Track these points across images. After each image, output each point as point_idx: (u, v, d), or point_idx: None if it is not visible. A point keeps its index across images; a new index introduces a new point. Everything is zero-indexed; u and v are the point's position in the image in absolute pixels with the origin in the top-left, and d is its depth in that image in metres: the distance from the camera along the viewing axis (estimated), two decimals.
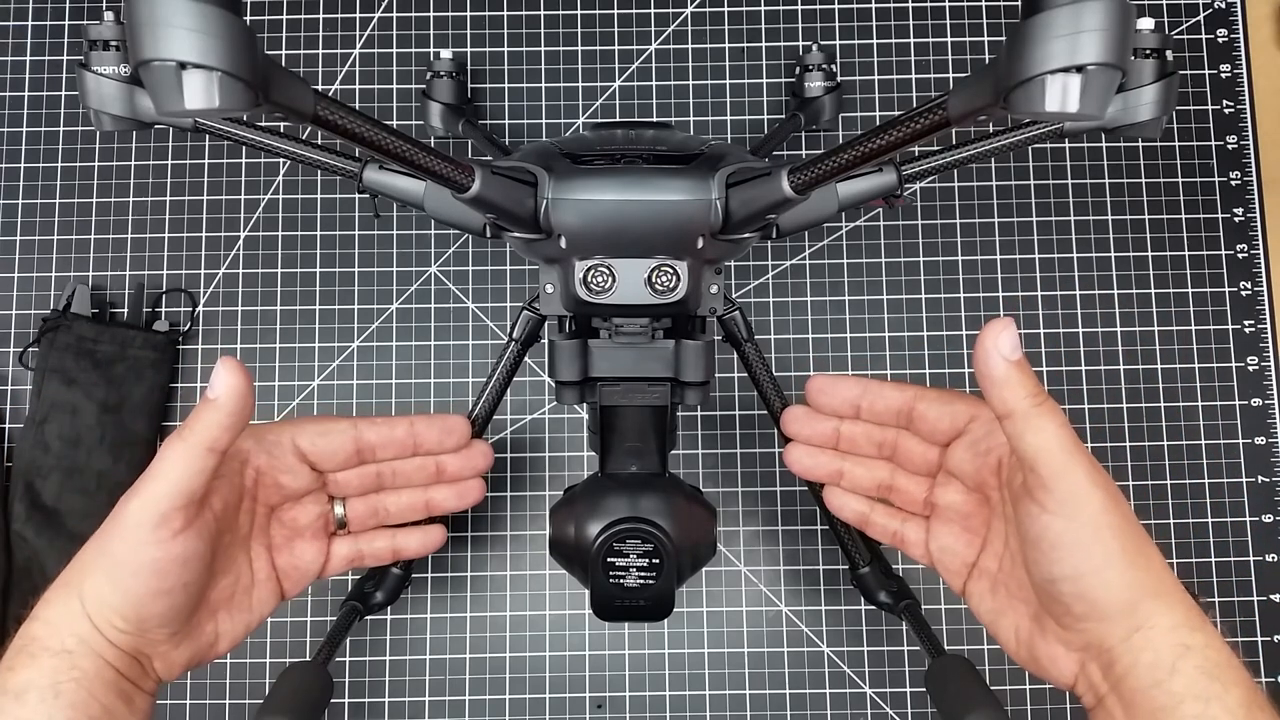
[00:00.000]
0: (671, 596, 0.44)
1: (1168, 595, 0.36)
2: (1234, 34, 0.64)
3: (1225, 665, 0.35)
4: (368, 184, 0.48)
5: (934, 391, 0.43)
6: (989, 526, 0.42)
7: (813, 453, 0.46)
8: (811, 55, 0.61)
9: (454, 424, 0.46)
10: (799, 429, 0.46)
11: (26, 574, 0.58)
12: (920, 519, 0.45)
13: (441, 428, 0.46)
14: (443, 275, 0.63)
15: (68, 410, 0.58)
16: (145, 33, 0.26)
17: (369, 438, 0.45)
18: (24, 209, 0.63)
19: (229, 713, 0.59)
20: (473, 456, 0.47)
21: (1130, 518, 0.37)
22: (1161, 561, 0.37)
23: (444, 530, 0.49)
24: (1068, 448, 0.36)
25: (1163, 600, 0.36)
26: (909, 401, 0.43)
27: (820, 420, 0.45)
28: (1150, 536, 0.38)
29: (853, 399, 0.44)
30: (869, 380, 0.44)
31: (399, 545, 0.48)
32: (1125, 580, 0.36)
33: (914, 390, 0.43)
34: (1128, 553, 0.36)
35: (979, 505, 0.43)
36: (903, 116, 0.31)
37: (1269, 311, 0.62)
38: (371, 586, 0.53)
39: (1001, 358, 0.36)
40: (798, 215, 0.46)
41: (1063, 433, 0.36)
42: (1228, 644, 0.36)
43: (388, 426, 0.45)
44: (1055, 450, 0.36)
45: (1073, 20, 0.26)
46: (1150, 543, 0.37)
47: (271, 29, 0.64)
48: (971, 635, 0.60)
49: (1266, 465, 0.61)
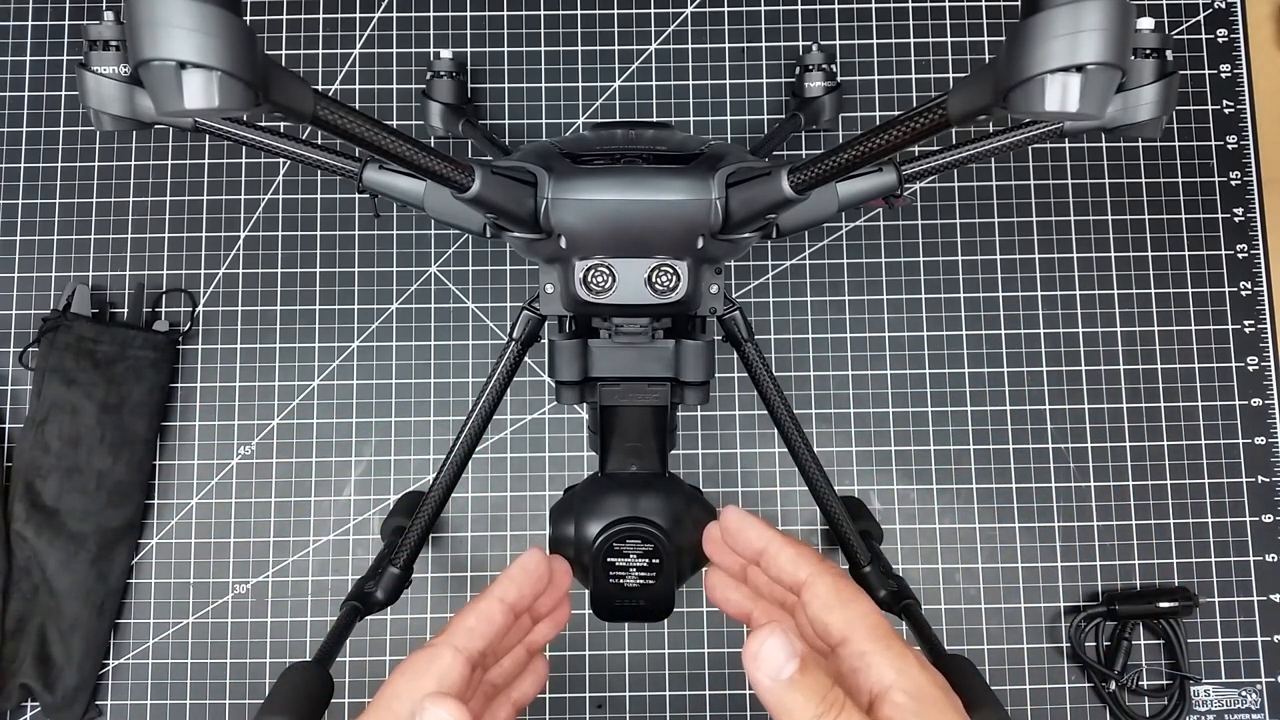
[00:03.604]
0: (671, 596, 0.44)
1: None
2: (1234, 34, 0.64)
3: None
4: (368, 184, 0.48)
5: (825, 588, 0.35)
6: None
7: (727, 586, 0.41)
8: (811, 55, 0.61)
9: (533, 565, 0.39)
10: (713, 551, 0.41)
11: (26, 574, 0.58)
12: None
13: (524, 580, 0.39)
14: (443, 275, 0.63)
15: (68, 410, 0.58)
16: (145, 32, 0.26)
17: (477, 647, 0.37)
18: (24, 209, 0.63)
19: (229, 713, 0.59)
20: (557, 581, 0.41)
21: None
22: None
23: (546, 662, 0.43)
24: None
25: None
26: (800, 583, 0.37)
27: (732, 553, 0.40)
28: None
29: (756, 549, 0.39)
30: (774, 535, 0.38)
31: (517, 703, 0.41)
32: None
33: (809, 570, 0.36)
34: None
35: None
36: (903, 116, 0.31)
37: (1269, 311, 0.62)
38: (372, 586, 0.53)
39: (771, 682, 0.31)
40: (798, 215, 0.46)
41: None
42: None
43: (484, 624, 0.37)
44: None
45: (1072, 20, 0.26)
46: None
47: (271, 29, 0.64)
48: (971, 635, 0.60)
49: (1266, 465, 0.61)
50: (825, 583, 0.36)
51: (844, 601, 0.35)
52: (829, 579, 0.36)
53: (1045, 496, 0.61)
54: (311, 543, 0.61)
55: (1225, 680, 0.59)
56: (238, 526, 0.61)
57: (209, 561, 0.60)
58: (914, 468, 0.61)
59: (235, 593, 0.60)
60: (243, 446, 0.61)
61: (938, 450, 0.61)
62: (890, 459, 0.62)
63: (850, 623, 0.34)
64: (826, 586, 0.35)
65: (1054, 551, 0.61)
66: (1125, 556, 0.61)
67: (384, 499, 0.61)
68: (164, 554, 0.60)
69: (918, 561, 0.61)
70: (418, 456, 0.61)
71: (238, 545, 0.60)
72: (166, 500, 0.61)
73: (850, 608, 0.35)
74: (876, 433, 0.62)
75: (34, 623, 0.57)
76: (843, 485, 0.61)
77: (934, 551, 0.61)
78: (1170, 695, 0.59)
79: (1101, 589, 0.60)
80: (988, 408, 0.62)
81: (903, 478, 0.61)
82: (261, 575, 0.60)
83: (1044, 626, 0.60)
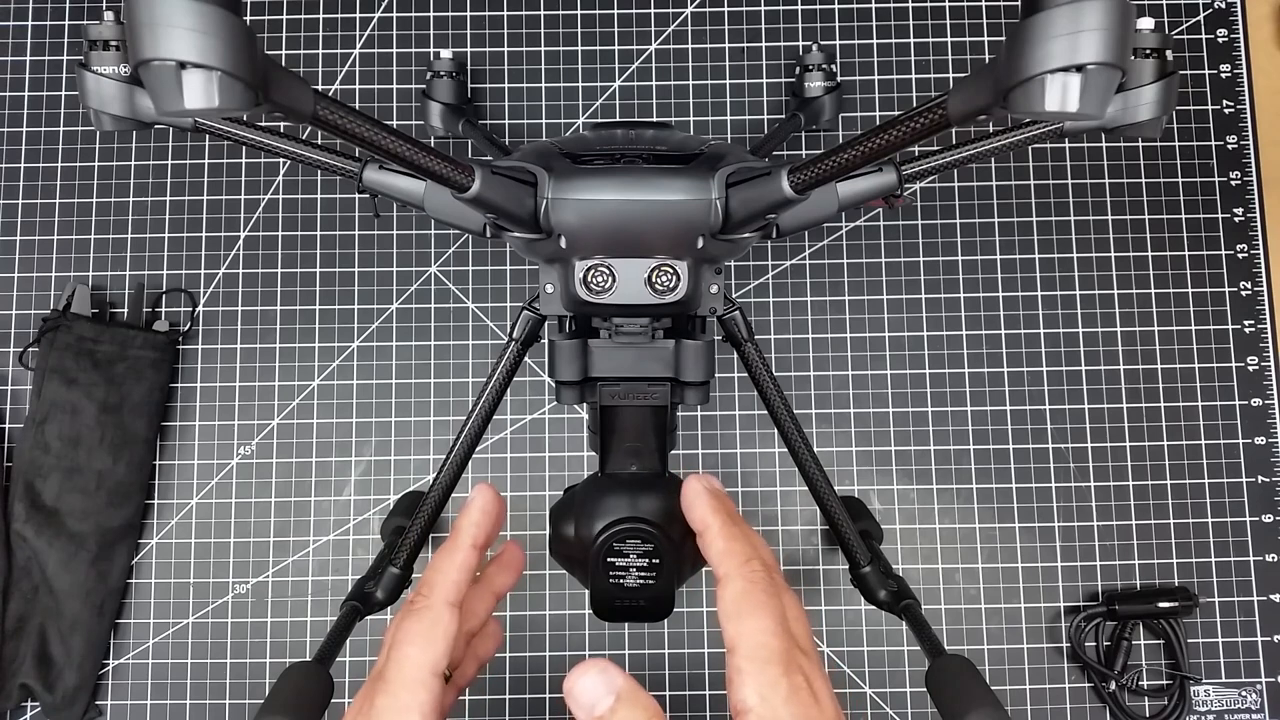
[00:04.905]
0: (671, 597, 0.44)
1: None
2: (1234, 34, 0.64)
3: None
4: (368, 184, 0.48)
5: (731, 594, 0.35)
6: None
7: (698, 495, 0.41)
8: (811, 55, 0.60)
9: (491, 505, 0.41)
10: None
11: (26, 574, 0.58)
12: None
13: (487, 523, 0.41)
14: (443, 275, 0.63)
15: (68, 410, 0.58)
16: (145, 32, 0.26)
17: (461, 597, 0.40)
18: (24, 209, 0.63)
19: (229, 713, 0.59)
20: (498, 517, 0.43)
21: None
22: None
23: (500, 625, 0.47)
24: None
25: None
26: (719, 577, 0.37)
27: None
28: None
29: (699, 529, 0.39)
30: (716, 521, 0.38)
31: (481, 658, 0.45)
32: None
33: (726, 570, 0.36)
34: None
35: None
36: (903, 116, 0.31)
37: (1269, 311, 0.62)
38: (372, 586, 0.53)
39: (587, 716, 0.33)
40: (798, 215, 0.46)
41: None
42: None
43: (466, 574, 0.40)
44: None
45: (1072, 20, 0.26)
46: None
47: (271, 29, 0.64)
48: (971, 635, 0.60)
49: (1266, 465, 0.61)
50: (733, 589, 0.35)
51: (740, 613, 0.35)
52: (737, 587, 0.35)
53: (1045, 496, 0.61)
54: (311, 543, 0.61)
55: (1225, 680, 0.60)
56: (238, 526, 0.61)
57: (209, 561, 0.60)
58: (914, 468, 0.61)
59: (235, 593, 0.60)
60: (243, 446, 0.61)
61: (938, 450, 0.61)
62: (890, 459, 0.62)
63: (739, 635, 0.34)
64: (732, 593, 0.35)
65: (1054, 551, 0.61)
66: (1125, 556, 0.61)
67: (384, 499, 0.61)
68: (164, 554, 0.60)
69: (918, 561, 0.61)
70: (418, 456, 0.61)
71: (238, 545, 0.60)
72: (166, 500, 0.61)
73: (744, 621, 0.34)
74: (876, 433, 0.62)
75: (34, 623, 0.57)
76: (843, 485, 0.61)
77: (934, 551, 0.61)
78: (1170, 695, 0.59)
79: (1101, 589, 0.60)
80: (988, 408, 0.62)
81: (903, 478, 0.61)
82: (261, 575, 0.60)
83: (1044, 626, 0.60)
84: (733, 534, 0.37)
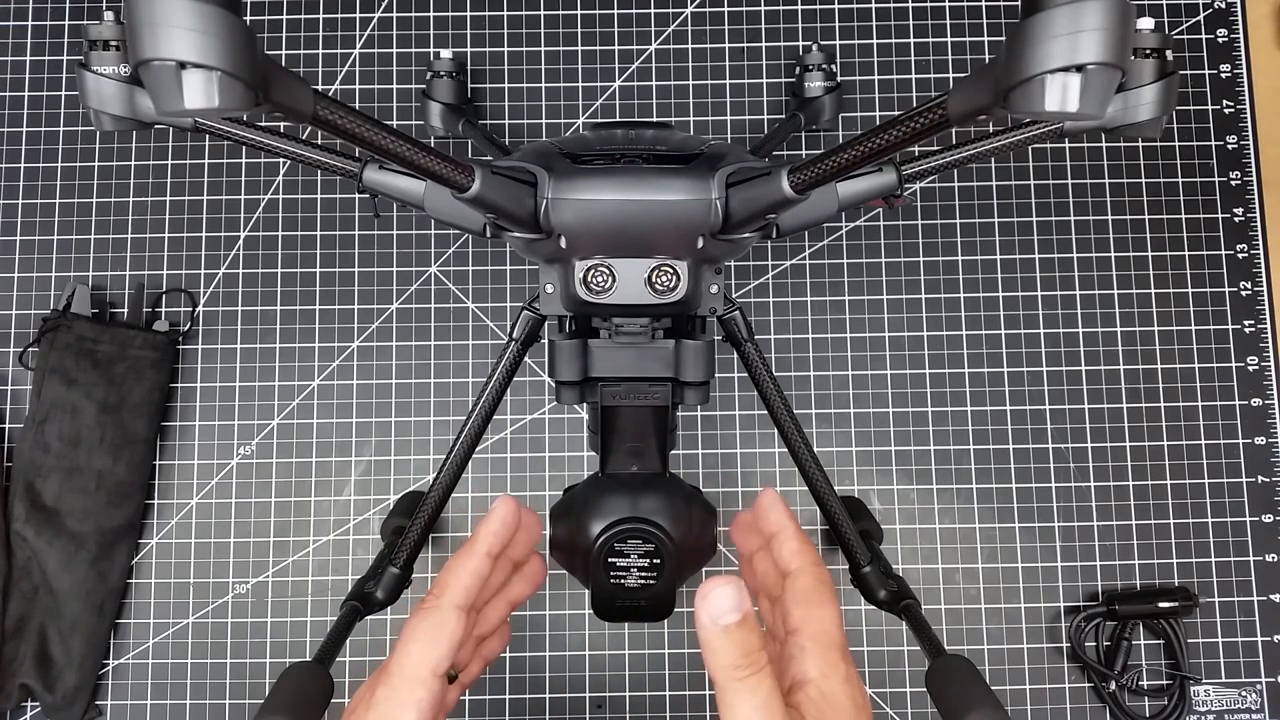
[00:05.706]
0: (672, 597, 0.44)
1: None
2: (1234, 34, 0.64)
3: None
4: (368, 184, 0.48)
5: (805, 583, 0.38)
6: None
7: (745, 527, 0.45)
8: (811, 55, 0.60)
9: (509, 516, 0.42)
10: (736, 531, 0.45)
11: (26, 574, 0.58)
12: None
13: (504, 533, 0.42)
14: (443, 275, 0.63)
15: (68, 410, 0.58)
16: (145, 32, 0.26)
17: (471, 602, 0.41)
18: (24, 209, 0.63)
19: (229, 713, 0.59)
20: (528, 530, 0.45)
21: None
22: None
23: (508, 626, 0.48)
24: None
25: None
26: (790, 572, 0.40)
27: (754, 537, 0.43)
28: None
29: (772, 530, 0.41)
30: (792, 525, 0.41)
31: (487, 658, 0.46)
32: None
33: (801, 563, 0.39)
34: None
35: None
36: (903, 116, 0.31)
37: (1269, 311, 0.62)
38: (372, 586, 0.53)
39: (710, 622, 0.33)
40: (798, 215, 0.46)
41: (757, 715, 0.33)
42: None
43: (477, 580, 0.41)
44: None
45: (1072, 20, 0.26)
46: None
47: (271, 29, 0.64)
48: (971, 635, 0.60)
49: (1266, 465, 0.61)
50: (807, 579, 0.39)
51: (811, 601, 0.38)
52: (812, 578, 0.39)
53: (1045, 496, 0.61)
54: (311, 543, 0.61)
55: (1225, 680, 0.59)
56: (238, 526, 0.61)
57: (209, 561, 0.60)
58: (914, 468, 0.61)
59: (235, 593, 0.60)
60: (243, 446, 0.61)
61: (938, 450, 0.61)
62: (890, 459, 0.62)
63: (807, 619, 0.37)
64: (806, 583, 0.39)
65: (1054, 551, 0.61)
66: (1125, 556, 0.61)
67: (384, 499, 0.61)
68: (164, 554, 0.60)
69: (918, 561, 0.61)
70: (418, 456, 0.61)
71: (238, 545, 0.60)
72: (166, 500, 0.61)
73: (814, 609, 0.38)
74: (876, 433, 0.62)
75: (34, 623, 0.57)
76: (843, 485, 0.61)
77: (934, 551, 0.61)
78: (1170, 695, 0.59)
79: (1101, 589, 0.60)
80: (988, 408, 0.62)
81: (903, 478, 0.61)
82: (261, 575, 0.60)
83: (1044, 626, 0.60)
84: (805, 537, 0.41)
